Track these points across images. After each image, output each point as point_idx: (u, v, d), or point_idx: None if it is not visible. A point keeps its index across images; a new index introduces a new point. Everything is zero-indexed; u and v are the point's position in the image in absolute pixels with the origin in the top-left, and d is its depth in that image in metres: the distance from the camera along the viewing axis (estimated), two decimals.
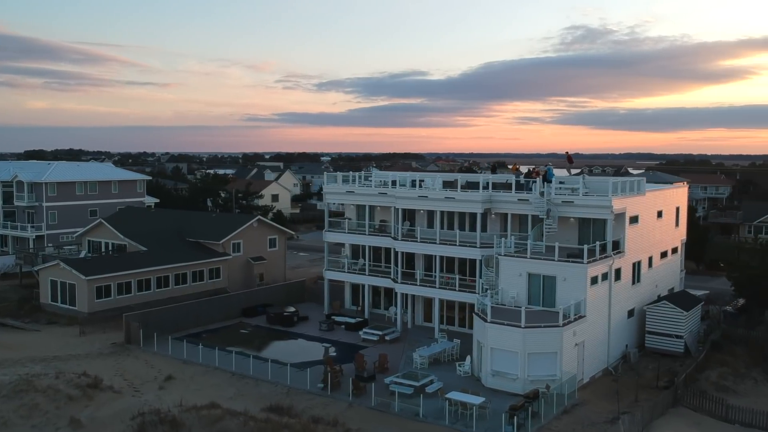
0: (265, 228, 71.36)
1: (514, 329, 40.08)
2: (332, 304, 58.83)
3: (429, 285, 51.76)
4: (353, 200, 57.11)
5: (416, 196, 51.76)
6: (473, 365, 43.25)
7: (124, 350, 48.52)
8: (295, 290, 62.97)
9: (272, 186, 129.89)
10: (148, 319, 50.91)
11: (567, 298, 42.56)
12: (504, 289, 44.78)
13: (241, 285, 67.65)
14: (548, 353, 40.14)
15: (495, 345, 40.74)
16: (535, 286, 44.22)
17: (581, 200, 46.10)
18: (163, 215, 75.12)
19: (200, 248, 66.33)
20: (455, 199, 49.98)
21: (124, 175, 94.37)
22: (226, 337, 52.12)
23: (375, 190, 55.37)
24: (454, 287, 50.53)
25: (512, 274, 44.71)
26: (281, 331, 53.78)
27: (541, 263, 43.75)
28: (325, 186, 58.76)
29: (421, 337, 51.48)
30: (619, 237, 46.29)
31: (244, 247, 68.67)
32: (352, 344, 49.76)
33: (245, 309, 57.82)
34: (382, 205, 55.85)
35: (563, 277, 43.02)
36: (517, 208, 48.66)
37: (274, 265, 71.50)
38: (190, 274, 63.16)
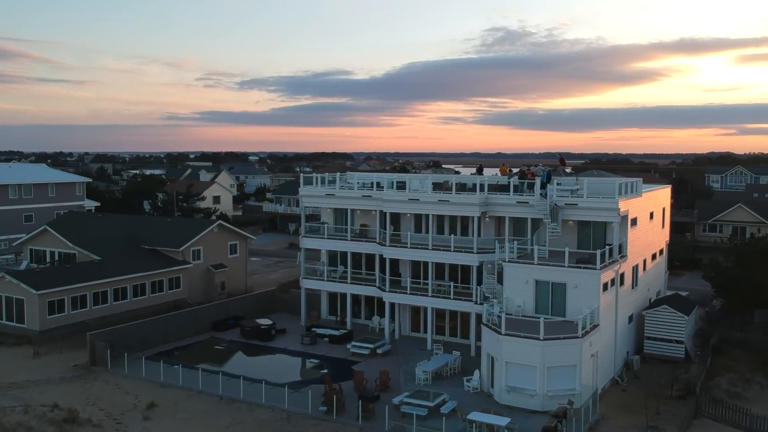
0: (225, 233, 66.84)
1: (532, 342, 37.51)
2: (309, 315, 55.08)
3: (421, 293, 48.72)
4: (333, 203, 53.52)
5: (406, 199, 48.64)
6: (482, 380, 40.48)
7: (89, 374, 43.53)
8: (265, 300, 58.86)
9: (213, 187, 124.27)
10: (114, 337, 45.99)
11: (578, 307, 40.35)
12: (509, 298, 42.23)
13: (202, 295, 63.08)
14: (567, 366, 37.78)
15: (511, 359, 38.08)
16: (543, 293, 41.84)
17: (586, 202, 43.98)
18: (113, 221, 69.45)
19: (158, 256, 61.37)
20: (450, 202, 47.12)
21: (62, 177, 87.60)
22: (199, 354, 47.73)
23: (358, 192, 51.94)
24: (448, 295, 47.67)
25: (518, 282, 42.21)
26: (259, 346, 49.68)
27: (550, 269, 41.39)
28: (301, 189, 54.90)
29: (412, 348, 48.43)
30: (621, 240, 44.46)
31: (204, 254, 64.07)
32: (341, 359, 46.26)
33: (215, 322, 53.41)
34: (366, 208, 52.52)
35: (574, 284, 40.79)
36: (516, 211, 46.22)
37: (236, 273, 67.09)
38: (149, 285, 58.21)
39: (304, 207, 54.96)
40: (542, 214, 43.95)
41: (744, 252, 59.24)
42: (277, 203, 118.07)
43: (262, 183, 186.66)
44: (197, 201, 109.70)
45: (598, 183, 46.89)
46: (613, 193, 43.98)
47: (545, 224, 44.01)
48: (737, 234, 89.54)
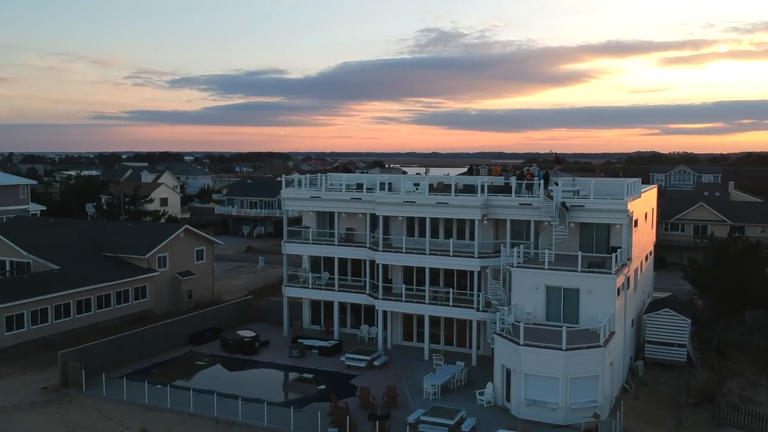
0: (191, 238, 62.95)
1: (554, 352, 35.48)
2: (292, 325, 51.90)
3: (417, 300, 46.22)
4: (318, 206, 50.43)
5: (401, 201, 46.05)
6: (496, 393, 38.26)
7: (63, 398, 39.40)
8: (242, 310, 55.29)
9: (161, 189, 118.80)
10: (88, 355, 41.90)
11: (593, 313, 38.63)
12: (518, 305, 40.16)
13: (168, 305, 59.17)
14: (590, 377, 35.91)
15: (531, 371, 35.96)
16: (555, 300, 39.94)
17: (593, 204, 42.33)
18: (67, 226, 64.55)
19: (121, 264, 57.11)
20: (449, 205, 44.75)
21: (4, 180, 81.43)
22: (180, 371, 44.08)
23: (346, 195, 49.04)
24: (447, 302, 45.31)
25: (528, 288, 40.20)
26: (244, 360, 46.26)
27: (562, 275, 39.51)
28: (283, 191, 51.59)
29: (408, 359, 45.90)
30: (626, 242, 43.03)
31: (170, 261, 60.12)
32: (336, 373, 43.34)
33: (192, 335, 49.65)
34: (355, 211, 49.66)
35: (588, 290, 39.01)
36: (518, 214, 44.21)
37: (202, 281, 63.32)
38: (114, 296, 54.00)
39: (286, 210, 51.60)
40: (549, 216, 42.08)
41: (727, 251, 58.94)
42: (230, 205, 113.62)
43: (204, 184, 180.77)
44: (145, 203, 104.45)
45: (604, 184, 45.28)
46: (618, 194, 42.51)
47: (552, 227, 42.12)
48: (699, 233, 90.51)
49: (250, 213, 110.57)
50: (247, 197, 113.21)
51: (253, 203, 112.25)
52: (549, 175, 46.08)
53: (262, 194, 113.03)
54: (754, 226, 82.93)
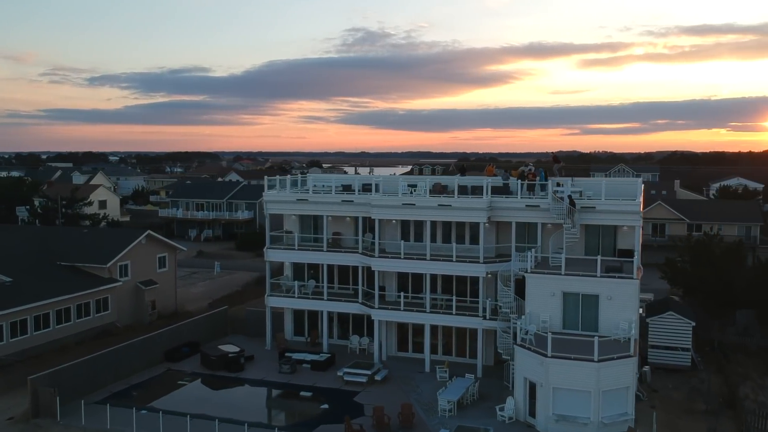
0: (153, 245, 58.44)
1: (585, 364, 33.34)
2: (276, 337, 48.33)
3: (417, 309, 43.47)
4: (305, 210, 46.98)
5: (400, 204, 43.19)
6: (518, 408, 35.87)
7: (35, 429, 34.92)
8: (218, 322, 51.26)
9: (99, 191, 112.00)
10: (60, 379, 37.41)
11: (613, 320, 36.81)
12: (533, 313, 37.95)
13: (131, 317, 54.66)
14: (621, 389, 33.96)
15: (559, 384, 33.74)
16: (572, 307, 37.90)
17: (605, 205, 40.51)
18: (12, 233, 59.04)
19: (80, 274, 52.27)
20: (452, 207, 42.18)
21: None
22: (162, 392, 40.01)
23: (336, 197, 45.82)
24: (449, 310, 42.73)
25: (543, 294, 38.03)
26: (230, 378, 42.50)
27: (581, 280, 37.50)
28: (265, 193, 47.87)
29: (408, 372, 43.10)
30: (639, 245, 41.47)
31: (132, 270, 55.53)
32: (335, 390, 40.18)
33: (168, 352, 45.47)
34: (345, 215, 46.52)
35: (608, 296, 37.12)
36: (524, 216, 42.01)
37: (165, 290, 58.88)
38: (74, 309, 49.22)
39: (269, 214, 47.90)
40: (560, 217, 40.02)
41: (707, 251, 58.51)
42: (174, 207, 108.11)
43: (138, 185, 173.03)
44: (83, 206, 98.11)
45: (611, 184, 43.57)
46: (632, 195, 40.90)
47: (563, 229, 40.07)
48: (657, 231, 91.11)
49: (197, 215, 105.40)
50: (193, 199, 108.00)
51: (199, 205, 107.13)
52: (547, 174, 44.20)
53: (208, 196, 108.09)
54: (710, 224, 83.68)
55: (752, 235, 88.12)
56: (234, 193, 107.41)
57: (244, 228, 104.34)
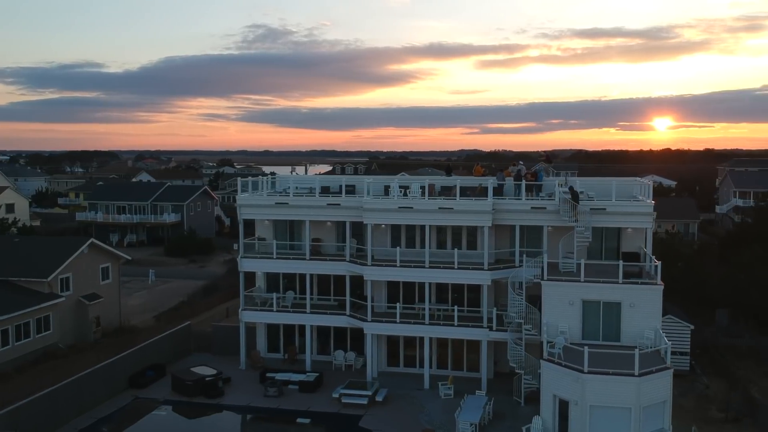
0: (96, 254, 52.54)
1: (625, 379, 30.86)
2: (251, 356, 43.78)
3: (415, 321, 40.09)
4: (285, 214, 42.63)
5: (396, 207, 39.65)
6: (546, 429, 33.06)
7: None
8: (181, 340, 46.14)
9: (6, 193, 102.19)
10: (20, 419, 31.82)
11: (636, 329, 34.67)
12: (550, 323, 35.31)
13: (74, 336, 48.77)
14: (658, 404, 31.74)
15: (597, 402, 31.12)
16: (592, 316, 35.47)
17: (616, 206, 38.42)
18: None
19: (16, 290, 46.01)
20: (454, 210, 39.02)
21: None
22: (136, 426, 34.98)
23: (321, 200, 41.74)
24: (451, 321, 39.57)
25: (561, 303, 35.45)
26: (210, 405, 37.78)
27: (601, 287, 35.11)
28: (239, 197, 43.17)
29: (405, 389, 39.63)
30: (650, 248, 39.67)
31: (74, 284, 49.54)
32: (334, 414, 36.32)
33: (132, 377, 40.24)
34: (332, 219, 42.54)
35: (630, 303, 34.93)
36: (529, 219, 39.39)
37: (109, 304, 53.03)
38: (12, 331, 43.08)
39: (243, 219, 43.23)
40: (571, 220, 37.56)
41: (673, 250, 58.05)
42: (92, 210, 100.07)
43: (41, 186, 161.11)
44: None
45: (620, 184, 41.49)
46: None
47: (573, 232, 37.64)
48: None
49: (119, 219, 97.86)
50: (114, 201, 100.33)
51: (121, 208, 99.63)
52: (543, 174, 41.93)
53: (130, 197, 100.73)
54: (667, 222, 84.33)
55: (690, 232, 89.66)
56: (158, 194, 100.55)
57: (170, 232, 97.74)
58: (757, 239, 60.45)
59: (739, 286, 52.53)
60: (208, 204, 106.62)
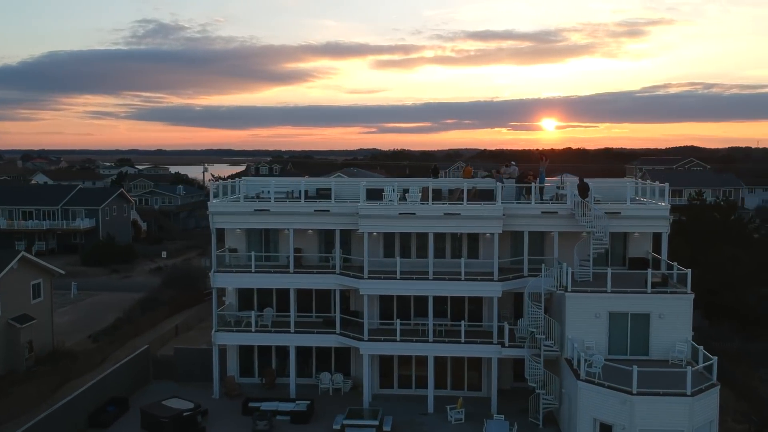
0: (26, 269, 45.87)
1: (678, 400, 28.35)
2: (225, 383, 38.76)
3: (418, 339, 36.33)
4: (264, 223, 37.86)
5: (396, 213, 35.74)
6: None
7: None
8: (139, 367, 40.44)
9: None
10: None
11: (666, 341, 32.50)
12: (574, 338, 32.49)
13: (2, 364, 42.27)
14: (706, 424, 29.45)
15: (647, 426, 28.44)
16: (619, 329, 32.94)
17: (632, 210, 36.05)
18: None
19: None
20: (461, 216, 35.52)
21: None
22: None
23: (307, 206, 37.25)
24: (457, 338, 36.07)
25: (586, 316, 32.75)
26: None
27: (629, 298, 32.65)
28: (211, 203, 37.95)
29: (409, 415, 35.81)
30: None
31: (2, 304, 42.91)
32: None
33: (92, 415, 34.50)
34: (317, 227, 38.12)
35: (659, 314, 32.62)
36: (539, 224, 36.44)
37: (42, 326, 46.51)
38: None
39: (215, 228, 38.08)
40: (588, 225, 34.85)
41: None
42: None
43: None
44: None
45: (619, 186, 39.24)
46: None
47: (590, 238, 34.98)
48: None
49: (26, 226, 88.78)
50: (18, 206, 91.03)
51: (27, 213, 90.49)
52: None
53: (37, 202, 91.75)
54: None
55: None
56: (70, 198, 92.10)
57: (84, 239, 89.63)
58: (704, 238, 60.02)
59: (712, 288, 51.66)
60: (124, 208, 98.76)
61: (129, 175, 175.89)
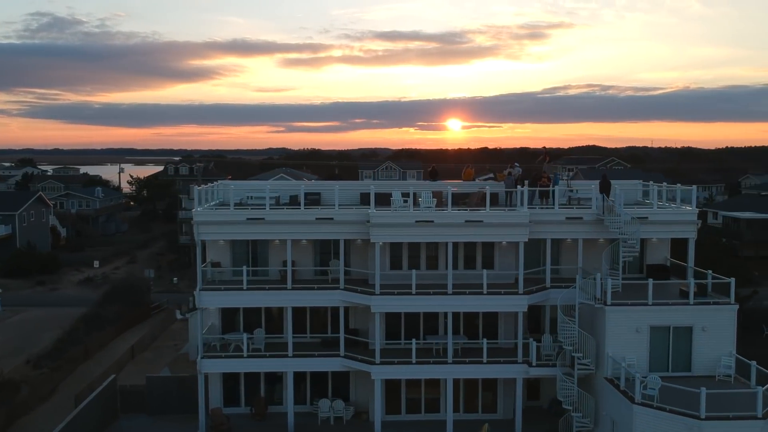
0: None
1: (748, 424, 25.93)
2: (212, 415, 33.97)
3: (435, 361, 32.75)
4: (256, 233, 33.28)
5: (413, 221, 32.01)
6: None
7: None
8: (107, 401, 35.02)
9: None
10: None
11: (711, 356, 30.24)
12: (614, 355, 29.80)
13: None
14: None
15: None
16: (660, 344, 30.47)
17: (660, 215, 33.67)
18: None
19: None
20: (483, 224, 32.16)
21: None
22: None
23: (308, 214, 32.97)
24: (479, 358, 32.70)
25: (627, 331, 30.16)
26: None
27: (671, 310, 30.26)
28: (196, 211, 32.99)
29: None
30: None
31: None
32: None
33: None
34: (317, 237, 33.95)
35: (701, 327, 30.35)
36: (563, 231, 33.57)
37: None
38: None
39: (201, 240, 33.17)
40: (619, 232, 32.19)
41: None
42: None
43: None
44: None
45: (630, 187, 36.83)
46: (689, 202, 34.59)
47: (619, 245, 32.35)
48: None
49: None
50: None
51: None
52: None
53: None
54: None
55: None
56: None
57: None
58: None
59: None
60: (42, 213, 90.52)
61: (35, 176, 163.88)
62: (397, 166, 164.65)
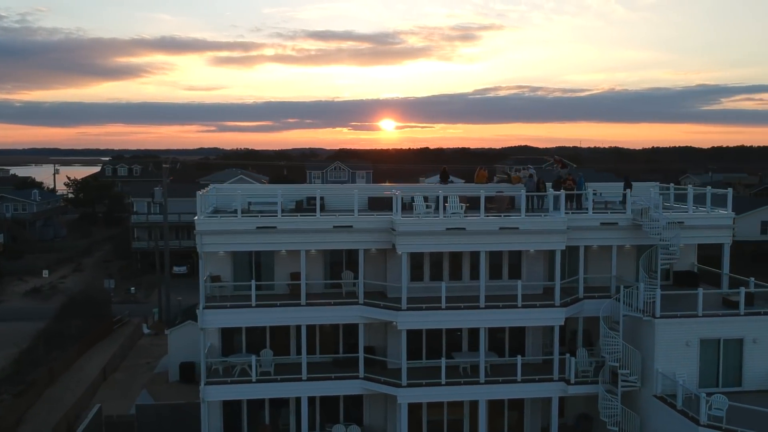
0: None
1: None
2: None
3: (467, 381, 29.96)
4: (271, 243, 29.70)
5: (443, 229, 29.12)
6: None
7: None
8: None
9: None
10: None
11: (762, 369, 28.54)
12: (664, 371, 27.71)
13: None
14: None
15: None
16: (710, 357, 28.55)
17: (697, 219, 31.77)
18: None
19: None
20: (519, 231, 29.53)
21: None
22: None
23: (325, 222, 29.68)
24: (512, 377, 30.09)
25: (677, 345, 28.12)
26: None
27: (722, 322, 28.38)
28: (199, 220, 29.23)
29: None
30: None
31: None
32: None
33: None
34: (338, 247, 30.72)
35: (753, 339, 28.57)
36: (597, 237, 31.26)
37: None
38: None
39: (204, 252, 29.45)
40: (657, 237, 30.09)
41: None
42: None
43: None
44: None
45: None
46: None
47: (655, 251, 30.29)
48: None
49: None
50: None
51: None
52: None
53: None
54: None
55: None
56: None
57: None
58: None
59: None
60: None
61: None
62: (346, 166, 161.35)
